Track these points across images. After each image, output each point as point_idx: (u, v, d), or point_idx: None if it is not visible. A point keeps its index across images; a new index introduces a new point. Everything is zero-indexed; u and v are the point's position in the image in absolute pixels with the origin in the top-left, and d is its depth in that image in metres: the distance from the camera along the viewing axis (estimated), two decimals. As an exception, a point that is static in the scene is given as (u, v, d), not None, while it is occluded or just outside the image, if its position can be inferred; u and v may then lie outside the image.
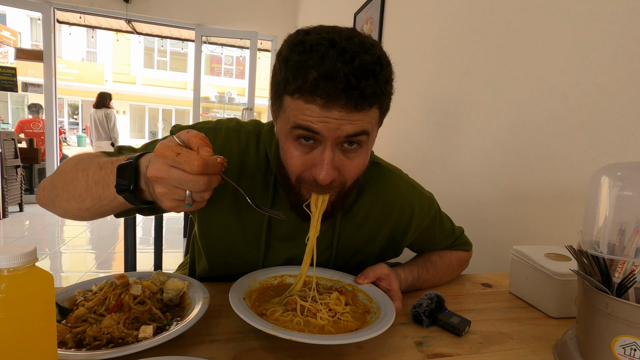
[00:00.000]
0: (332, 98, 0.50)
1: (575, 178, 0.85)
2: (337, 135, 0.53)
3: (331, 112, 0.51)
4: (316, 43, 0.51)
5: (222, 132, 0.68)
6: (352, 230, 0.73)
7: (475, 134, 1.22)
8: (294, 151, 0.56)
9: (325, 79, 0.49)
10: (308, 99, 0.51)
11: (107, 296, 0.53)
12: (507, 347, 0.57)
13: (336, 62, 0.49)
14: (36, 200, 0.65)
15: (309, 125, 0.52)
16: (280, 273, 0.64)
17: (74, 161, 0.60)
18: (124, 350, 0.43)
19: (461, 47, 1.32)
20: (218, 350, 0.50)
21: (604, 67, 0.80)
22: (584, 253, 0.50)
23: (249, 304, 0.51)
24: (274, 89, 0.57)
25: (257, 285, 0.59)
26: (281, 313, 0.51)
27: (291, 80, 0.52)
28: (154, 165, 0.43)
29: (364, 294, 0.62)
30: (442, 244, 0.84)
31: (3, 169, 3.65)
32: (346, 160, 0.57)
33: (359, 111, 0.52)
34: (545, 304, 0.69)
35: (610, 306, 0.46)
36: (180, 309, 0.58)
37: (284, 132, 0.57)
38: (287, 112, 0.54)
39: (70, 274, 2.63)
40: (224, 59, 16.92)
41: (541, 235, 0.94)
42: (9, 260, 0.33)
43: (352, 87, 0.50)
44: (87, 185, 0.53)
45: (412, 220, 0.75)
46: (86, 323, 0.49)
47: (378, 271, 0.66)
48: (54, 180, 0.60)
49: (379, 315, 0.54)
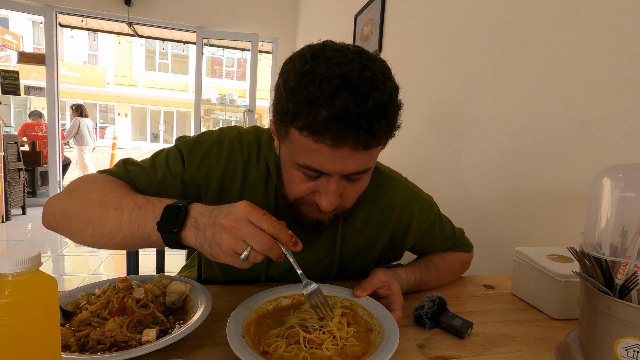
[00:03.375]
0: (342, 139, 0.49)
1: (577, 179, 0.85)
2: (343, 171, 0.54)
3: (340, 151, 0.51)
4: (326, 78, 0.48)
5: (226, 144, 0.68)
6: (352, 235, 0.73)
7: (477, 135, 1.22)
8: (298, 178, 0.57)
9: (336, 120, 0.48)
10: (317, 138, 0.50)
11: (110, 300, 0.54)
12: (509, 349, 0.57)
13: (348, 104, 0.47)
14: (43, 223, 0.60)
15: (318, 168, 0.53)
16: (275, 296, 0.61)
17: (99, 194, 0.56)
18: (127, 353, 0.43)
19: (462, 48, 1.32)
20: (221, 353, 0.50)
21: (604, 68, 0.80)
22: (586, 255, 0.50)
23: (249, 341, 0.49)
24: (280, 114, 0.54)
25: (253, 316, 0.56)
26: (285, 348, 0.48)
27: (300, 116, 0.50)
28: (234, 215, 0.47)
29: (363, 309, 0.60)
30: (442, 247, 0.83)
31: (6, 172, 3.66)
32: (349, 187, 0.58)
33: (365, 150, 0.52)
34: (547, 306, 0.69)
35: (612, 308, 0.46)
36: (183, 312, 0.58)
37: (288, 159, 0.57)
38: (294, 145, 0.54)
39: (73, 276, 2.64)
40: (225, 61, 16.96)
41: (543, 236, 0.94)
42: (14, 265, 0.33)
43: (363, 130, 0.49)
44: (121, 224, 0.53)
45: (412, 223, 0.75)
46: (89, 327, 0.50)
47: (375, 281, 0.65)
48: (70, 210, 0.57)
49: (382, 334, 0.53)
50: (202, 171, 0.66)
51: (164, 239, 0.50)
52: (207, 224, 0.49)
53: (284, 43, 4.96)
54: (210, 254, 0.48)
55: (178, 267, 1.00)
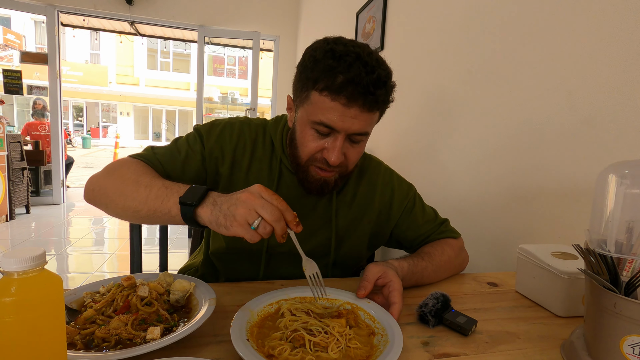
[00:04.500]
0: (353, 99, 0.63)
1: (581, 176, 0.85)
2: (349, 131, 0.66)
3: (350, 110, 0.64)
4: (345, 53, 0.63)
5: (237, 125, 0.81)
6: (344, 209, 0.83)
7: (480, 131, 1.22)
8: (311, 136, 0.69)
9: (350, 83, 0.62)
10: (334, 97, 0.63)
11: (115, 298, 0.54)
12: (514, 346, 0.56)
13: (360, 71, 0.62)
14: (84, 197, 0.70)
15: (330, 124, 0.65)
16: (276, 299, 0.61)
17: (134, 174, 0.66)
18: (132, 351, 0.43)
19: (466, 44, 1.31)
20: (225, 351, 0.50)
21: (610, 63, 0.79)
22: (591, 252, 0.50)
23: (254, 344, 0.49)
24: (302, 83, 0.69)
25: (255, 319, 0.56)
26: (290, 352, 0.48)
27: (321, 80, 0.64)
28: (249, 191, 0.54)
29: (364, 313, 0.60)
30: (425, 227, 0.87)
31: (9, 171, 3.68)
32: (350, 148, 0.70)
33: (369, 112, 0.66)
34: (552, 303, 0.69)
35: (618, 305, 0.46)
36: (187, 310, 0.58)
37: (304, 120, 0.70)
38: (312, 106, 0.67)
39: (77, 275, 2.66)
40: (227, 59, 16.95)
41: (547, 233, 0.93)
42: (19, 264, 0.33)
43: (370, 93, 0.63)
44: (147, 199, 0.61)
45: (394, 198, 0.86)
46: (94, 325, 0.50)
47: (370, 275, 0.66)
48: (108, 187, 0.66)
49: (386, 337, 0.52)
50: (218, 146, 0.78)
51: (182, 211, 0.57)
52: (224, 200, 0.55)
53: (286, 41, 4.95)
54: (225, 224, 0.53)
55: (181, 264, 1.01)
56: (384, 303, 0.63)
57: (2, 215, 3.59)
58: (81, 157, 11.16)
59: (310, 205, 0.81)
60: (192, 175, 0.77)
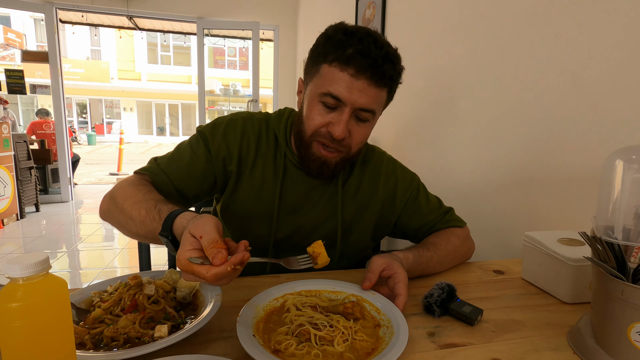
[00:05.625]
0: (361, 70, 0.65)
1: (587, 162, 0.83)
2: (355, 105, 0.68)
3: (358, 82, 0.66)
4: (356, 30, 0.68)
5: (239, 122, 0.81)
6: (349, 200, 0.84)
7: (484, 118, 1.20)
8: (318, 111, 0.70)
9: (360, 54, 0.65)
10: (343, 67, 0.66)
11: (122, 297, 0.54)
12: (520, 335, 0.56)
13: (370, 45, 0.65)
14: (99, 214, 0.73)
15: (338, 94, 0.67)
16: (282, 293, 0.61)
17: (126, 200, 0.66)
18: (140, 349, 0.44)
19: (467, 30, 1.28)
20: (232, 346, 0.51)
21: (614, 48, 0.77)
22: (598, 239, 0.49)
23: (260, 340, 0.49)
24: (313, 59, 0.72)
25: (261, 314, 0.56)
26: (296, 346, 0.48)
27: (331, 52, 0.67)
28: (182, 272, 0.49)
29: (370, 305, 0.60)
30: (430, 216, 0.87)
31: (17, 171, 3.73)
32: (356, 126, 0.71)
33: (376, 87, 0.67)
34: (558, 290, 0.69)
35: (626, 293, 0.46)
36: (194, 307, 0.59)
37: (312, 95, 0.71)
38: (321, 78, 0.69)
39: (89, 270, 2.71)
40: (227, 51, 16.83)
41: (552, 220, 0.92)
42: (23, 270, 0.34)
43: (377, 66, 0.66)
44: (138, 234, 0.64)
45: (397, 188, 0.86)
46: (103, 324, 0.51)
47: (375, 267, 0.65)
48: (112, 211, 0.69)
49: (392, 329, 0.53)
50: (224, 146, 0.78)
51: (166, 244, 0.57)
52: None
53: (286, 30, 4.88)
54: None
55: None
56: (389, 295, 0.63)
57: (12, 214, 3.65)
58: (87, 154, 11.25)
59: (316, 198, 0.82)
60: (199, 178, 0.78)
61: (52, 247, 3.10)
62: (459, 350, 0.52)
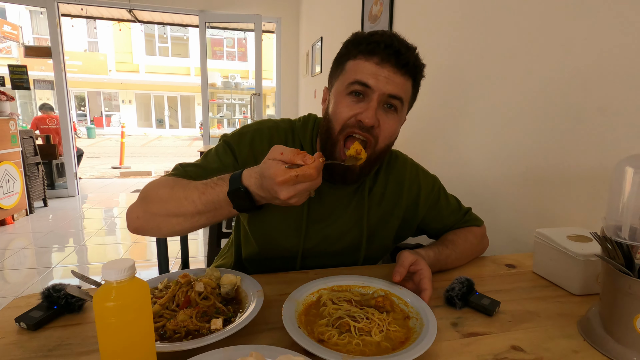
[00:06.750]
0: (385, 58, 0.69)
1: (595, 162, 0.88)
2: (383, 90, 0.70)
3: (382, 69, 0.70)
4: (378, 31, 0.72)
5: (266, 131, 0.82)
6: (374, 207, 0.86)
7: (496, 116, 1.24)
8: (345, 104, 0.72)
9: (383, 45, 0.69)
10: (367, 57, 0.70)
11: (176, 294, 0.60)
12: (535, 324, 0.62)
13: (392, 39, 0.71)
14: (129, 228, 0.70)
15: (365, 80, 0.70)
16: (316, 288, 0.67)
17: (166, 188, 0.68)
18: (203, 340, 0.50)
19: (477, 29, 1.32)
20: (277, 337, 0.56)
21: (622, 52, 0.81)
22: (608, 239, 0.55)
23: (305, 331, 0.54)
24: (337, 62, 0.76)
25: (301, 308, 0.61)
26: (338, 337, 0.54)
27: (355, 48, 0.72)
28: (283, 191, 0.55)
29: (398, 298, 0.66)
30: (450, 218, 0.91)
31: (25, 166, 3.76)
32: (384, 116, 0.73)
33: (401, 75, 0.71)
34: (568, 283, 0.74)
35: (632, 287, 0.51)
36: (237, 301, 0.64)
37: (339, 90, 0.74)
38: (347, 74, 0.73)
39: (98, 264, 2.77)
40: (225, 42, 16.66)
41: (562, 216, 0.98)
42: (117, 274, 0.39)
43: (400, 54, 0.70)
44: (198, 210, 0.64)
45: (420, 195, 0.89)
46: (162, 318, 0.56)
47: (405, 262, 0.70)
48: (149, 209, 0.68)
49: (421, 320, 0.58)
50: (251, 155, 0.79)
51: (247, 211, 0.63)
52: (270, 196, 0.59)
53: (287, 22, 4.87)
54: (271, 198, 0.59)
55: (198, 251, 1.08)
56: (414, 289, 0.68)
57: (22, 209, 3.70)
58: (88, 148, 11.24)
59: (343, 207, 0.84)
60: None
61: (62, 242, 3.16)
62: (481, 338, 0.58)
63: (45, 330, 0.57)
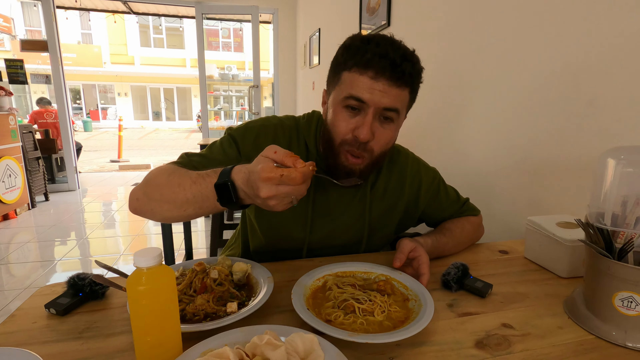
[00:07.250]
0: (380, 72, 0.68)
1: (583, 153, 0.93)
2: (378, 105, 0.70)
3: (378, 83, 0.69)
4: (372, 37, 0.71)
5: (271, 128, 0.84)
6: (377, 201, 0.88)
7: (488, 109, 1.28)
8: (342, 117, 0.73)
9: (377, 57, 0.68)
10: (362, 71, 0.69)
11: (193, 280, 0.65)
12: (524, 304, 0.68)
13: (387, 48, 0.69)
14: (130, 208, 0.71)
15: (360, 96, 0.69)
16: (322, 274, 0.72)
17: (164, 174, 0.68)
18: (222, 322, 0.55)
19: (473, 22, 1.35)
20: (287, 319, 0.61)
21: (612, 48, 0.85)
22: (590, 225, 0.60)
23: (313, 312, 0.58)
24: (333, 69, 0.76)
25: (309, 292, 0.66)
26: (343, 317, 0.59)
27: (350, 59, 0.71)
28: (264, 188, 0.52)
29: (398, 282, 0.71)
30: (449, 210, 0.95)
31: (26, 161, 3.78)
32: (380, 129, 0.73)
33: (397, 87, 0.70)
34: (556, 266, 0.80)
35: (612, 268, 0.56)
36: (249, 287, 0.69)
37: (336, 102, 0.74)
38: (342, 85, 0.72)
39: (102, 257, 2.82)
40: (221, 32, 16.48)
41: (551, 205, 1.03)
42: (147, 262, 0.44)
43: (396, 65, 0.68)
44: (187, 199, 0.62)
45: (421, 189, 0.91)
46: (182, 302, 0.61)
47: (405, 248, 0.75)
48: (148, 193, 0.68)
49: (419, 302, 0.63)
50: (255, 151, 0.76)
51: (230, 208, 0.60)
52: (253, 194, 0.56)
53: (285, 13, 4.85)
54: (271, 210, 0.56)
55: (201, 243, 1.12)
56: (413, 274, 0.73)
57: (24, 204, 3.74)
58: (85, 141, 11.18)
59: (346, 202, 0.86)
60: None
61: (65, 236, 3.20)
62: (474, 317, 0.63)
63: (73, 315, 0.62)
